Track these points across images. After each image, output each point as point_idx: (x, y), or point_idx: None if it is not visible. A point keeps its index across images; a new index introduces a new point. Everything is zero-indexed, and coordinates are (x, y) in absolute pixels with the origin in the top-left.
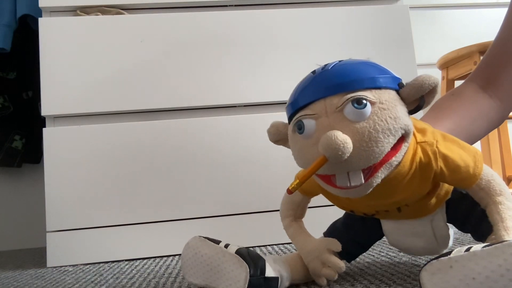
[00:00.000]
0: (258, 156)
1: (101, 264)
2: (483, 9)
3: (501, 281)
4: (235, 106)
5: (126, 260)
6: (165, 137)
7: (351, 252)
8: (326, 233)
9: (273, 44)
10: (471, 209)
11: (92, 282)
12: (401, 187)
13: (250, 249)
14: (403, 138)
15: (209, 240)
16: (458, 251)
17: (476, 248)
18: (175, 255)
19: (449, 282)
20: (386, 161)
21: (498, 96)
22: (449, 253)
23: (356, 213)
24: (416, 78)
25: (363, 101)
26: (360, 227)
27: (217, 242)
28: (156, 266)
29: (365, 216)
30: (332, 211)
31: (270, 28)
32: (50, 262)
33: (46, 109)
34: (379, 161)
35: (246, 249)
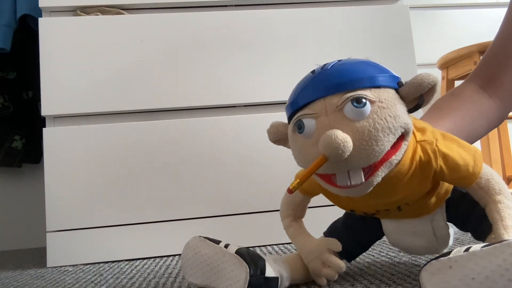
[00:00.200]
0: (258, 156)
1: (101, 264)
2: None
3: (501, 281)
4: (235, 106)
5: (126, 260)
6: (165, 137)
7: (351, 252)
8: (326, 233)
9: (273, 44)
10: (471, 208)
11: (92, 282)
12: (401, 186)
13: (250, 249)
14: (403, 137)
15: (209, 240)
16: (458, 251)
17: (476, 248)
18: (175, 255)
19: (449, 282)
20: (386, 160)
21: (498, 96)
22: (449, 253)
23: (357, 213)
24: (415, 77)
25: (363, 100)
26: (360, 227)
27: (217, 242)
28: (156, 266)
29: (366, 216)
30: (332, 211)
31: (270, 28)
32: (50, 262)
33: (46, 109)
34: (379, 160)
35: (246, 249)
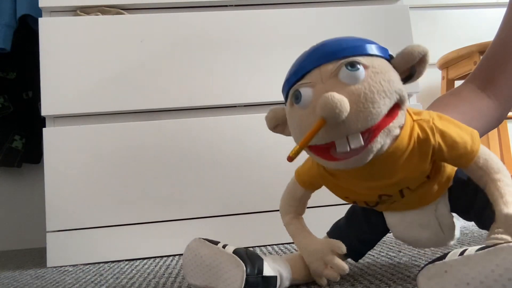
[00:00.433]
0: (258, 156)
1: (101, 264)
2: (483, 9)
3: (495, 286)
4: (235, 106)
5: (126, 260)
6: (165, 137)
7: (357, 251)
8: (330, 233)
9: (273, 44)
10: (474, 197)
11: (92, 282)
12: (401, 165)
13: (249, 249)
14: (399, 106)
15: (208, 242)
16: (453, 255)
17: (470, 252)
18: (175, 255)
19: (444, 287)
20: (384, 126)
21: (497, 97)
22: (444, 257)
23: (359, 204)
24: (406, 47)
25: (357, 64)
26: (364, 224)
27: (216, 243)
28: (156, 266)
29: (368, 209)
30: (333, 211)
31: (270, 28)
32: (50, 262)
33: (46, 109)
34: (377, 124)
35: (245, 249)
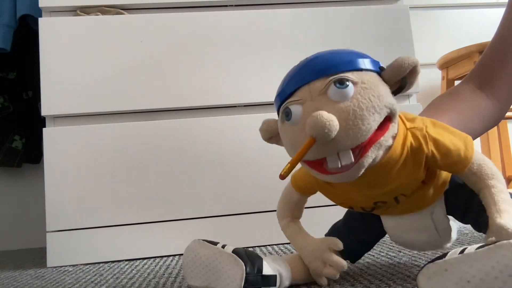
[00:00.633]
0: (258, 156)
1: (101, 264)
2: (483, 9)
3: (495, 283)
4: (235, 106)
5: (126, 260)
6: (165, 137)
7: (355, 252)
8: (328, 235)
9: (273, 44)
10: (470, 200)
11: (92, 282)
12: (395, 174)
13: (248, 249)
14: (390, 118)
15: (208, 242)
16: (453, 253)
17: (470, 250)
18: (175, 255)
19: (445, 285)
20: (375, 141)
21: (495, 96)
22: (445, 256)
23: (355, 209)
24: (395, 60)
25: (345, 82)
26: (362, 226)
27: (215, 243)
28: (156, 266)
29: (365, 212)
30: (332, 211)
31: (270, 28)
32: (50, 262)
33: (46, 109)
34: (368, 140)
35: (244, 249)
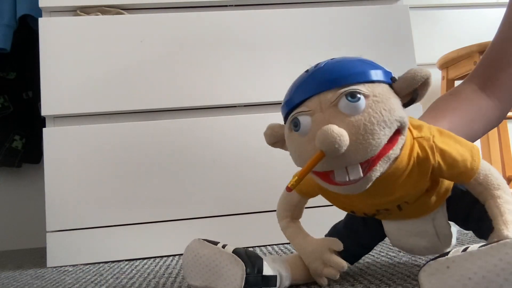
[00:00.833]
0: (258, 156)
1: (101, 264)
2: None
3: (497, 281)
4: (235, 106)
5: (126, 260)
6: (165, 137)
7: (354, 254)
8: (328, 236)
9: (273, 44)
10: (473, 207)
11: (92, 282)
12: (400, 183)
13: (248, 249)
14: (399, 131)
15: (208, 242)
16: (456, 251)
17: (473, 248)
18: (175, 255)
19: (446, 283)
20: (384, 155)
21: (496, 96)
22: (447, 254)
23: (357, 214)
24: (408, 71)
25: (357, 95)
26: (362, 229)
27: (215, 243)
28: (156, 266)
29: (366, 217)
30: (332, 212)
31: (270, 28)
32: (50, 262)
33: (46, 109)
34: (377, 154)
35: (244, 249)
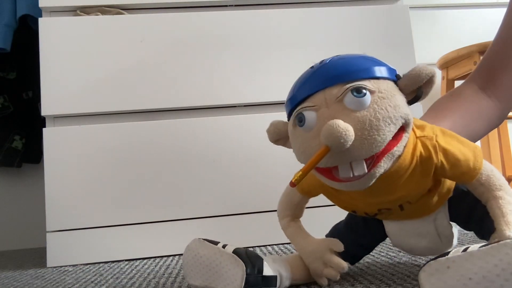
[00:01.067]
0: (258, 156)
1: (101, 264)
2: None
3: (498, 281)
4: (235, 106)
5: (126, 260)
6: (165, 137)
7: (355, 254)
8: (328, 236)
9: (273, 44)
10: (474, 207)
11: (92, 282)
12: (403, 182)
13: (249, 249)
14: (403, 128)
15: (208, 242)
16: (456, 251)
17: (473, 248)
18: (175, 255)
19: (447, 283)
20: (388, 151)
21: (497, 97)
22: (447, 254)
23: (358, 213)
24: (413, 69)
25: (363, 90)
26: (363, 229)
27: (216, 243)
28: (156, 266)
29: (367, 217)
30: (332, 212)
31: (270, 28)
32: (50, 262)
33: (46, 109)
34: (381, 151)
35: (244, 249)
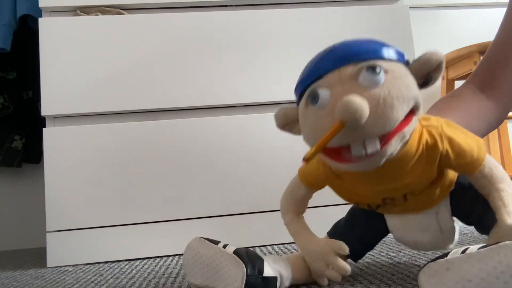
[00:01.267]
0: (258, 156)
1: (101, 264)
2: (483, 9)
3: (496, 283)
4: (235, 106)
5: (126, 260)
6: (165, 137)
7: (357, 252)
8: (330, 234)
9: (273, 44)
10: (475, 201)
11: (92, 282)
12: (408, 170)
13: (249, 249)
14: (413, 111)
15: (208, 241)
16: (455, 253)
17: (472, 250)
18: (175, 255)
19: (446, 284)
20: (399, 131)
21: (496, 98)
22: (446, 255)
23: (361, 205)
24: (423, 54)
25: (377, 68)
26: (365, 225)
27: (216, 243)
28: (156, 266)
29: (369, 212)
30: (332, 212)
31: (270, 28)
32: (50, 262)
33: (46, 109)
34: (393, 130)
35: (245, 249)
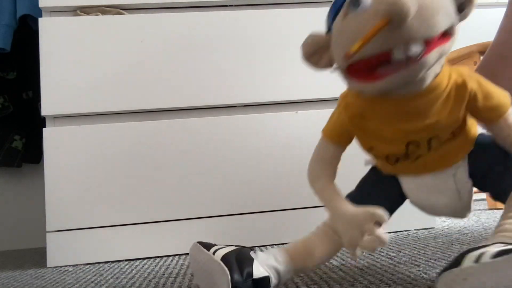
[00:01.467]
0: (258, 156)
1: (101, 264)
2: (483, 9)
3: None
4: (235, 106)
5: (126, 260)
6: (165, 137)
7: None
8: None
9: (274, 44)
10: (493, 164)
11: (92, 282)
12: (437, 107)
13: (242, 250)
14: (450, 34)
15: (203, 246)
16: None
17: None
18: (175, 255)
19: None
20: (439, 45)
21: None
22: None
23: (380, 159)
24: None
25: None
26: (378, 193)
27: (210, 247)
28: (156, 266)
29: (385, 169)
30: None
31: (270, 28)
32: (50, 262)
33: (46, 109)
34: (434, 41)
35: (237, 251)
